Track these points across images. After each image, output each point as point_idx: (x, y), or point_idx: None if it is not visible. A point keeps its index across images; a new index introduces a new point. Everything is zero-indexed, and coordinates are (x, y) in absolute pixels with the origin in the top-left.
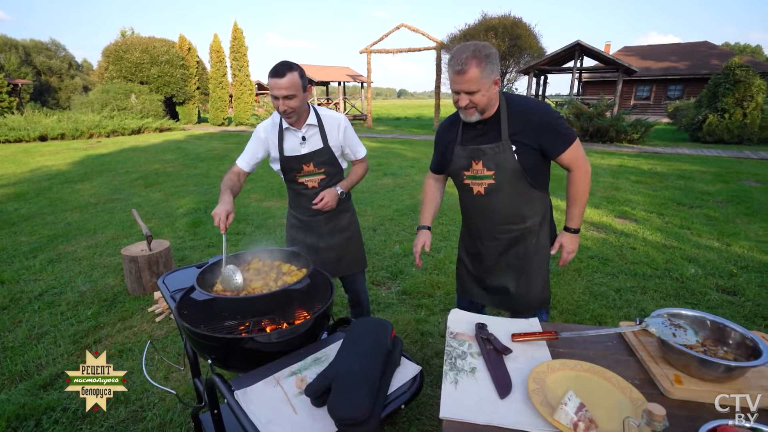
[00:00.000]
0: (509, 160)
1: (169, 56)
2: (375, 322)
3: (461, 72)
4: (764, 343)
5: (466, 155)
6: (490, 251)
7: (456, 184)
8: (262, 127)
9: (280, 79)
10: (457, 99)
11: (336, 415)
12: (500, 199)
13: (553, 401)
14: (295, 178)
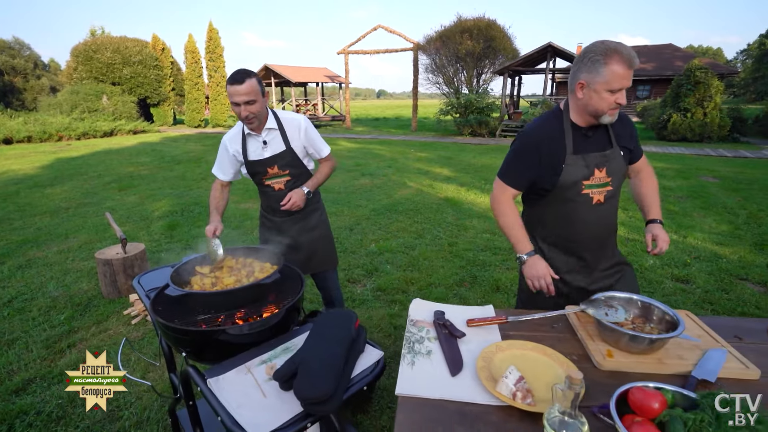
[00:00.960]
0: (622, 166)
1: (142, 56)
2: (341, 312)
3: (635, 65)
4: (682, 318)
5: (586, 163)
6: (599, 260)
7: (561, 199)
8: (227, 137)
9: (239, 85)
10: (616, 99)
11: (301, 396)
12: (615, 204)
13: (498, 376)
14: (262, 181)
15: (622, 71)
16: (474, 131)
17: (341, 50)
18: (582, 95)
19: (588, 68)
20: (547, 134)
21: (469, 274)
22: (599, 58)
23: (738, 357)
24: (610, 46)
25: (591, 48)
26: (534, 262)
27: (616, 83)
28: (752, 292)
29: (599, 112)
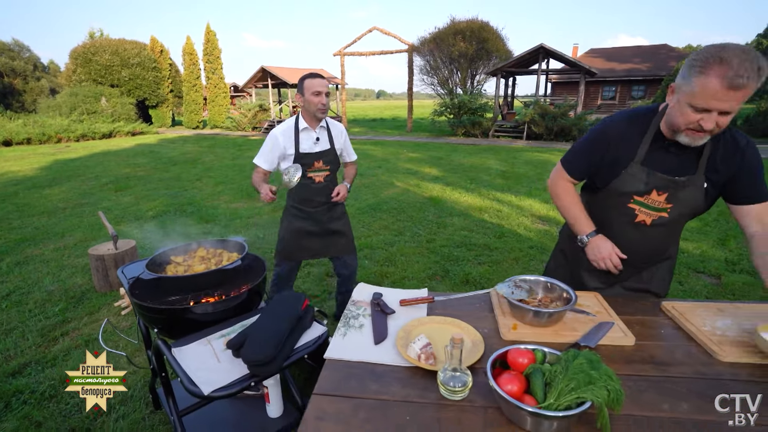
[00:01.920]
0: (696, 197)
1: (141, 58)
2: (292, 294)
3: (741, 87)
4: (576, 295)
5: (647, 180)
6: (624, 278)
7: (605, 201)
8: (279, 131)
9: (322, 78)
10: (700, 119)
11: (246, 359)
12: (662, 232)
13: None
14: (305, 173)
15: (716, 88)
16: (467, 132)
17: (337, 52)
18: (670, 100)
19: (684, 72)
20: (624, 133)
21: (442, 268)
22: (699, 64)
23: (622, 328)
24: (718, 54)
25: (702, 50)
26: (597, 244)
27: (701, 100)
28: (705, 284)
29: (674, 127)
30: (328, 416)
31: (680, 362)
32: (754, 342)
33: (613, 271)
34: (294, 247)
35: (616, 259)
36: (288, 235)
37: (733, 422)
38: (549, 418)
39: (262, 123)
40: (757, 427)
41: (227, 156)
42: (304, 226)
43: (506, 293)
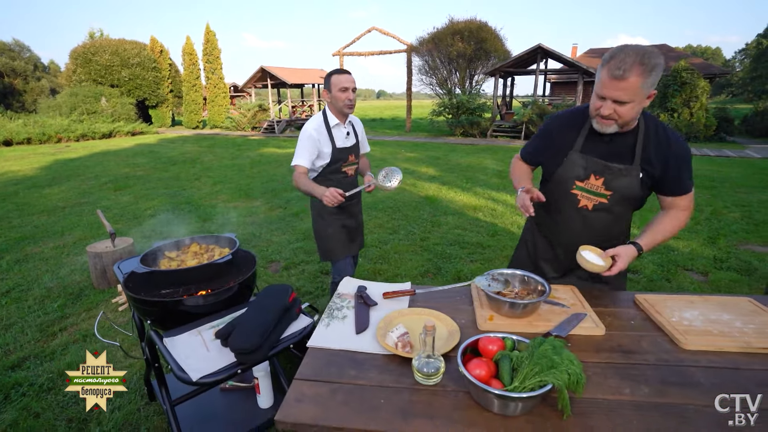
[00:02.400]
0: (633, 186)
1: (141, 59)
2: (279, 287)
3: (620, 78)
4: (550, 287)
5: (585, 165)
6: (568, 261)
7: (554, 189)
8: (313, 128)
9: (348, 74)
10: (600, 105)
11: (233, 347)
12: (604, 219)
13: None
14: (339, 168)
15: (605, 79)
16: (466, 132)
17: (336, 52)
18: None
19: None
20: (567, 124)
21: (435, 266)
22: (603, 59)
23: (594, 319)
24: (613, 51)
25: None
26: (524, 192)
27: (599, 89)
28: (692, 280)
29: (591, 113)
30: (307, 399)
31: (646, 350)
32: (581, 264)
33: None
34: (344, 242)
35: (526, 200)
36: (335, 232)
37: (733, 422)
38: (513, 400)
39: (261, 123)
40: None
41: (226, 156)
42: (344, 220)
43: (483, 286)
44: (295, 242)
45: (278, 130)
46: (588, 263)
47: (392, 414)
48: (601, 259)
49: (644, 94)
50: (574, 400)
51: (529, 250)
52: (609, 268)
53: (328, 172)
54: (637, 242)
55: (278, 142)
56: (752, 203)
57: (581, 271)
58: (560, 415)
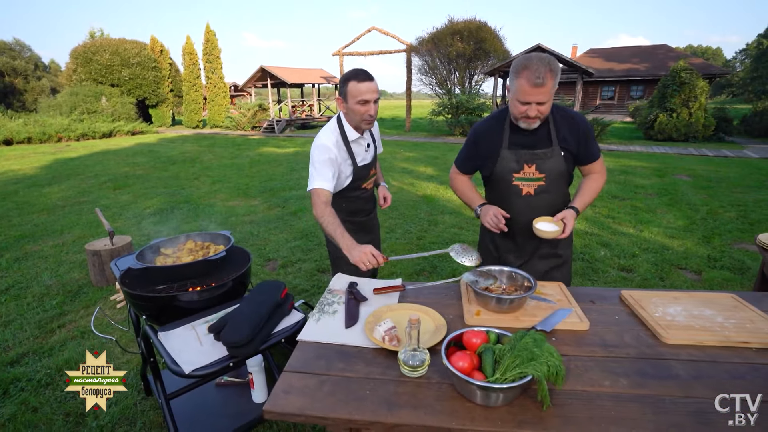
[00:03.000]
0: (559, 164)
1: (141, 58)
2: (272, 283)
3: (540, 85)
4: (536, 283)
5: (516, 158)
6: (528, 245)
7: (497, 186)
8: (331, 143)
9: (371, 82)
10: (526, 109)
11: (225, 341)
12: (547, 198)
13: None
14: (360, 186)
15: (527, 87)
16: (465, 132)
17: (336, 52)
18: (508, 98)
19: (510, 78)
20: (489, 129)
21: (431, 264)
22: (515, 70)
23: (579, 314)
24: (524, 62)
25: (515, 60)
26: (486, 210)
27: (521, 96)
28: (685, 279)
29: (515, 117)
30: (295, 390)
31: (627, 344)
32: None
33: (495, 229)
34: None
35: (500, 216)
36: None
37: (733, 422)
38: (495, 390)
39: (261, 123)
40: (757, 426)
41: (226, 155)
42: (362, 238)
43: (471, 282)
44: (293, 241)
45: (278, 129)
46: (544, 232)
47: (377, 404)
48: (553, 224)
49: (553, 92)
50: (555, 391)
51: (491, 248)
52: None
53: (346, 190)
54: (573, 206)
55: (278, 142)
56: (748, 203)
57: (540, 250)
58: (540, 406)
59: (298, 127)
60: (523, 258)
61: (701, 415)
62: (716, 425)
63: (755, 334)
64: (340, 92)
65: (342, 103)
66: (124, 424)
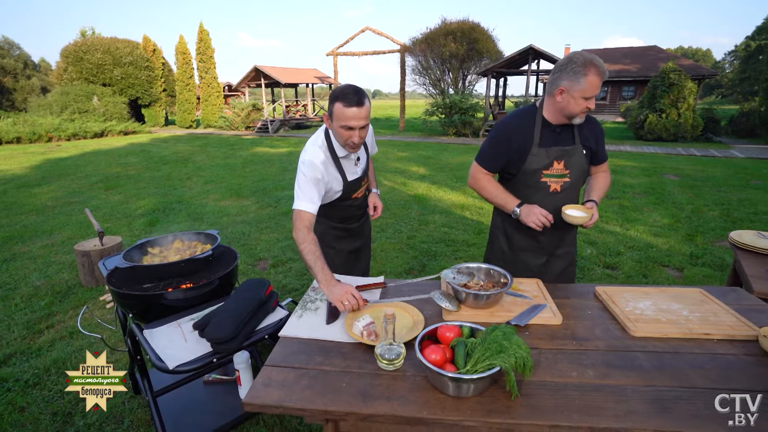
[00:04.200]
0: (582, 162)
1: (133, 57)
2: (257, 281)
3: (605, 78)
4: (512, 279)
5: (548, 156)
6: (553, 242)
7: (524, 183)
8: (319, 162)
9: (360, 108)
10: (588, 104)
11: (208, 337)
12: (571, 194)
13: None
14: (350, 197)
15: (597, 81)
16: (458, 131)
17: (330, 52)
18: (561, 99)
19: (569, 77)
20: (519, 126)
21: (420, 263)
22: (580, 69)
23: (553, 310)
24: (588, 59)
25: (573, 59)
26: (528, 209)
27: (590, 91)
28: (668, 276)
29: (573, 114)
30: (274, 383)
31: (597, 338)
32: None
33: (546, 224)
34: (350, 266)
35: (545, 212)
36: (342, 262)
37: (733, 422)
38: (465, 381)
39: (255, 122)
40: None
41: (219, 155)
42: (352, 244)
43: (449, 278)
44: (284, 240)
45: (272, 129)
46: (574, 218)
47: (352, 396)
48: (582, 211)
49: None
50: (524, 382)
51: (504, 246)
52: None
53: (337, 201)
54: (592, 198)
55: (271, 142)
56: (732, 201)
57: (558, 249)
58: (509, 396)
59: (293, 127)
60: (542, 258)
61: (658, 402)
62: (671, 411)
63: (717, 326)
64: (328, 108)
65: (328, 121)
66: (112, 422)
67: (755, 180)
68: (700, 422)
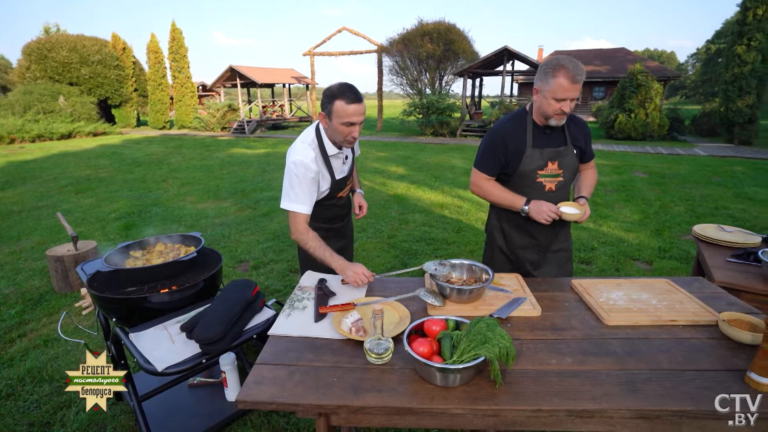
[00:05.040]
0: (574, 161)
1: (102, 56)
2: (243, 282)
3: (579, 81)
4: (493, 274)
5: (542, 157)
6: (549, 239)
7: (519, 184)
8: (309, 160)
9: (359, 104)
10: (560, 106)
11: (196, 338)
12: (564, 192)
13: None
14: (335, 195)
15: (566, 84)
16: (436, 131)
17: (307, 52)
18: (536, 99)
19: (541, 77)
20: (512, 130)
21: (401, 262)
22: (550, 70)
23: (532, 302)
24: (560, 62)
25: (546, 61)
26: (537, 205)
27: (560, 93)
28: (638, 269)
29: (547, 115)
30: (266, 381)
31: (574, 327)
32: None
33: (555, 218)
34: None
35: (553, 208)
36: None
37: (733, 422)
38: (452, 371)
39: (231, 123)
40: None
41: (195, 157)
42: (334, 244)
43: (431, 269)
44: (264, 242)
45: (248, 130)
46: (570, 215)
47: (344, 390)
48: (576, 208)
49: None
50: (507, 371)
51: (502, 244)
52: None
53: (322, 200)
54: (583, 195)
55: (248, 143)
56: (695, 197)
57: (552, 246)
58: (493, 384)
59: (269, 127)
60: (540, 254)
61: (630, 384)
62: (642, 392)
63: (682, 313)
64: (323, 107)
65: (325, 120)
66: (94, 430)
67: (716, 177)
68: (668, 401)
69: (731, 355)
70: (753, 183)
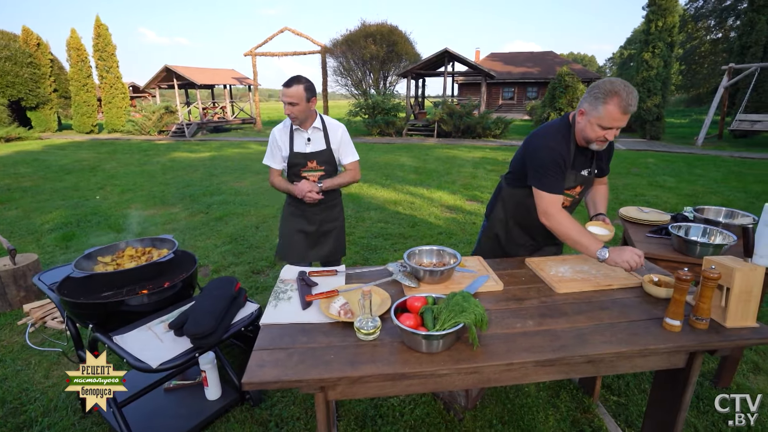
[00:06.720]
0: (592, 181)
1: (11, 51)
2: (224, 279)
3: (630, 112)
4: (460, 257)
5: (575, 180)
6: (547, 238)
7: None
8: (276, 130)
9: (287, 88)
10: (605, 134)
11: (189, 333)
12: (574, 208)
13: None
14: (299, 172)
15: (617, 114)
16: (382, 131)
17: (248, 52)
18: (580, 120)
19: (590, 101)
20: (564, 149)
21: (362, 257)
22: (601, 96)
23: (495, 279)
24: (615, 88)
25: (600, 84)
26: (619, 251)
27: (608, 122)
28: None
29: (589, 140)
30: (268, 363)
31: (532, 297)
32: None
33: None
34: (287, 246)
35: (639, 252)
36: (285, 231)
37: (733, 422)
38: (436, 338)
39: (169, 126)
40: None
41: (133, 162)
42: (298, 223)
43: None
44: (222, 246)
45: (189, 133)
46: (601, 236)
47: (342, 365)
48: (605, 229)
49: None
50: (481, 336)
51: (502, 237)
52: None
53: (291, 174)
54: (600, 211)
55: (190, 146)
56: (619, 186)
57: (548, 246)
58: (471, 347)
59: (211, 130)
60: (533, 251)
61: (580, 336)
62: (590, 342)
63: (615, 279)
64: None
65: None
66: None
67: (634, 168)
68: (608, 346)
69: (652, 307)
70: (663, 173)
